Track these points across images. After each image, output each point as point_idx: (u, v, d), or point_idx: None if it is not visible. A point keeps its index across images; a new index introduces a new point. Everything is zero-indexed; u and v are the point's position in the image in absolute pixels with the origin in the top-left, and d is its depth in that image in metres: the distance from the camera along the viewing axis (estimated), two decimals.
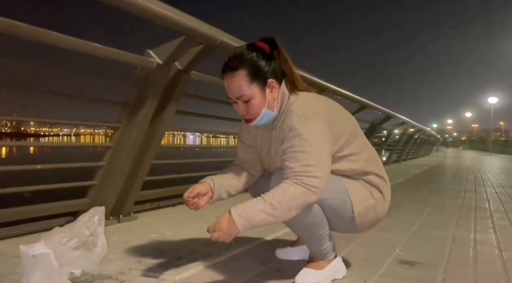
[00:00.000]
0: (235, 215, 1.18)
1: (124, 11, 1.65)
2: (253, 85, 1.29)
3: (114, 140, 2.20)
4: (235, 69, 1.29)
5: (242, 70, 1.28)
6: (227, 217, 1.19)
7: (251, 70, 1.29)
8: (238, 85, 1.29)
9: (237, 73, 1.29)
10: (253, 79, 1.29)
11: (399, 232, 2.22)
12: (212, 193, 1.42)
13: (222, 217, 1.20)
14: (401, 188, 4.59)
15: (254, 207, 1.19)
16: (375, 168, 1.43)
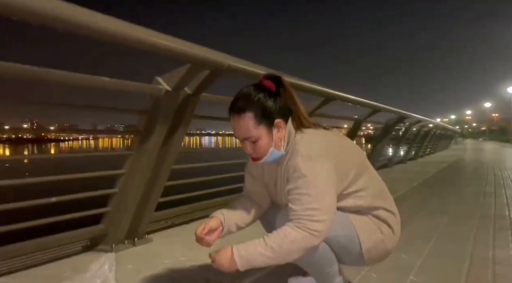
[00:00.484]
0: (236, 255, 1.20)
1: (130, 47, 1.67)
2: (260, 126, 1.30)
3: (127, 167, 2.23)
4: (242, 111, 1.29)
5: (249, 113, 1.29)
6: (229, 254, 1.22)
7: (258, 112, 1.29)
8: (245, 127, 1.29)
9: (244, 115, 1.29)
10: (260, 121, 1.29)
11: (414, 252, 2.19)
12: (222, 227, 1.43)
13: (224, 253, 1.23)
14: (416, 193, 4.53)
15: (255, 249, 1.20)
16: (384, 202, 1.41)
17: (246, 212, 1.50)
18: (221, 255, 1.24)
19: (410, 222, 2.97)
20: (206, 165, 2.99)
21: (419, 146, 10.51)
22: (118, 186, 2.23)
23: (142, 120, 2.21)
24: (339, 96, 3.66)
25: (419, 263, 2.00)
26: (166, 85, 2.16)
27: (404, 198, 4.21)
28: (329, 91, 3.51)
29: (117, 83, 1.96)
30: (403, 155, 9.33)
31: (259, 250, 1.20)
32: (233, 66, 2.12)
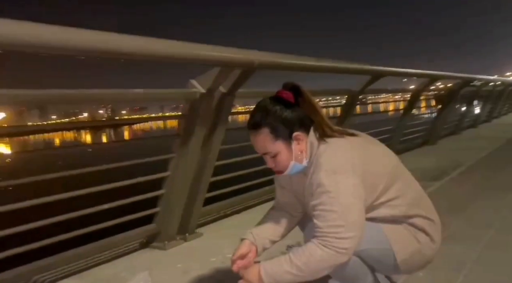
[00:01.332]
0: (263, 273, 1.21)
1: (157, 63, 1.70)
2: (278, 141, 1.26)
3: (171, 169, 2.32)
4: (259, 127, 1.27)
5: (265, 128, 1.26)
6: (256, 271, 1.23)
7: (275, 126, 1.25)
8: (263, 143, 1.27)
9: (260, 131, 1.27)
10: (277, 136, 1.26)
11: (470, 242, 2.05)
12: (255, 247, 1.43)
13: (252, 270, 1.25)
14: (484, 166, 4.19)
15: (281, 268, 1.20)
16: (420, 209, 1.33)
17: (278, 226, 1.49)
18: (249, 272, 1.26)
19: (471, 204, 2.77)
20: (251, 158, 3.01)
21: (492, 107, 9.64)
22: (165, 187, 2.34)
23: (181, 124, 2.27)
24: (387, 72, 3.45)
25: (474, 257, 1.87)
26: (200, 87, 2.18)
27: (470, 172, 3.92)
28: (375, 68, 3.32)
29: (153, 93, 2.02)
30: (473, 118, 8.64)
31: (285, 269, 1.19)
32: (264, 62, 2.09)
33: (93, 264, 2.18)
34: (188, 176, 2.35)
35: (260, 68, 2.11)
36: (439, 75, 4.51)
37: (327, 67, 2.72)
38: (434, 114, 6.58)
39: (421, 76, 4.24)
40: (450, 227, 2.30)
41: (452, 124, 7.43)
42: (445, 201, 2.77)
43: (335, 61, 2.80)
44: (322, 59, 2.70)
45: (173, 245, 2.38)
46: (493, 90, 8.94)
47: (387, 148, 1.38)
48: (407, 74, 3.80)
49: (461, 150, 5.35)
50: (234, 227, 2.72)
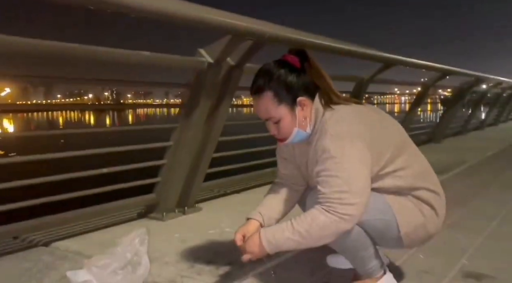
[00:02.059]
0: (264, 240, 1.18)
1: (169, 23, 1.66)
2: (281, 106, 1.23)
3: (174, 139, 2.29)
4: (262, 91, 1.23)
5: (269, 92, 1.22)
6: (257, 241, 1.20)
7: (278, 91, 1.22)
8: (265, 107, 1.24)
9: (263, 95, 1.23)
10: (280, 100, 1.22)
11: (473, 232, 2.02)
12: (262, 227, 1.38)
13: (252, 240, 1.22)
14: (489, 165, 4.14)
15: (282, 234, 1.17)
16: (426, 182, 1.29)
17: (283, 202, 1.45)
18: (250, 243, 1.23)
19: (475, 197, 2.74)
20: (254, 137, 2.97)
21: (500, 110, 9.56)
22: (167, 157, 2.31)
23: (187, 94, 2.23)
24: (400, 61, 3.39)
25: (475, 245, 1.84)
26: (208, 57, 2.14)
27: (474, 169, 3.88)
28: (389, 56, 3.26)
29: (159, 57, 1.98)
30: (480, 120, 8.56)
31: (286, 235, 1.16)
32: (275, 35, 2.04)
33: (89, 229, 2.16)
34: (191, 148, 2.32)
35: (271, 41, 2.06)
36: (451, 70, 4.44)
37: (341, 49, 2.67)
38: (440, 114, 6.53)
39: (432, 69, 4.18)
40: (453, 216, 2.26)
41: (458, 125, 7.37)
42: (449, 193, 2.71)
43: (349, 43, 2.74)
44: (336, 40, 2.65)
45: (172, 217, 2.35)
46: (502, 93, 8.85)
47: (393, 119, 1.34)
48: (419, 65, 3.74)
49: (466, 149, 5.30)
50: (234, 204, 2.70)
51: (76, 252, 1.83)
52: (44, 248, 1.90)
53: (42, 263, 1.71)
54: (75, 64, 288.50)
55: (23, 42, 1.50)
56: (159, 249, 1.83)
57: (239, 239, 1.33)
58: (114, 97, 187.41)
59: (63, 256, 1.80)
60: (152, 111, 75.90)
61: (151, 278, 1.52)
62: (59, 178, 1.93)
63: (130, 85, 2.37)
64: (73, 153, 2.11)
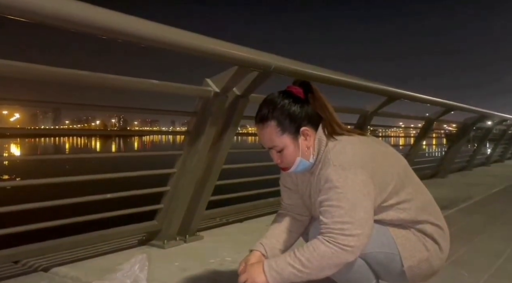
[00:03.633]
0: (266, 266, 1.17)
1: (176, 53, 1.71)
2: (284, 135, 1.25)
3: (178, 166, 2.30)
4: (266, 120, 1.26)
5: (272, 121, 1.25)
6: (260, 268, 1.19)
7: (281, 120, 1.24)
8: (269, 136, 1.26)
9: (267, 124, 1.25)
10: (284, 130, 1.25)
11: (479, 269, 1.97)
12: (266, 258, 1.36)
13: (254, 267, 1.21)
14: (495, 201, 4.09)
15: (284, 261, 1.16)
16: (430, 215, 1.28)
17: (287, 233, 1.44)
18: (251, 269, 1.22)
19: (480, 234, 2.69)
20: (258, 165, 2.98)
21: (506, 147, 9.52)
22: (170, 184, 2.32)
23: (192, 121, 2.27)
24: (404, 95, 3.43)
25: (481, 282, 1.80)
26: (215, 86, 2.19)
27: (479, 205, 3.83)
28: (393, 90, 3.31)
29: (167, 86, 2.03)
30: (486, 156, 8.52)
31: (288, 261, 1.16)
32: (281, 67, 2.09)
33: (89, 255, 2.14)
34: (194, 176, 2.33)
35: (276, 72, 2.11)
36: (455, 105, 4.48)
37: (345, 82, 2.72)
38: (444, 150, 6.53)
39: (437, 104, 4.22)
40: (458, 252, 2.23)
41: (463, 160, 7.34)
42: (454, 229, 2.68)
43: (353, 77, 2.79)
44: (340, 73, 2.70)
45: (173, 245, 2.33)
46: (507, 130, 8.85)
47: (396, 151, 1.35)
48: (423, 100, 3.78)
49: (472, 185, 5.25)
50: (235, 233, 2.67)
51: (75, 278, 1.81)
52: (44, 273, 1.88)
53: None
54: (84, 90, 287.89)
55: (35, 69, 1.55)
56: (159, 277, 1.81)
57: (241, 270, 1.31)
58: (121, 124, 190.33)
59: (61, 282, 1.78)
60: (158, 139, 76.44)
61: None
62: (61, 202, 1.94)
63: (137, 112, 2.43)
64: (77, 178, 2.13)
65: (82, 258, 2.09)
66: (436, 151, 9.30)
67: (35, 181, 1.87)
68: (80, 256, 2.11)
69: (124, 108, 2.11)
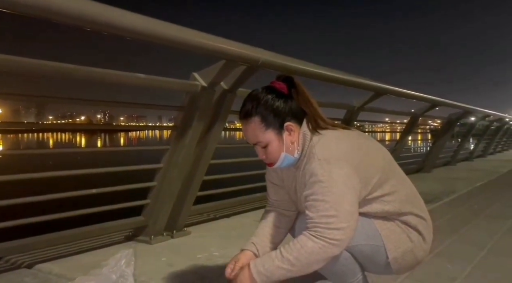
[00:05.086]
0: (254, 271, 1.17)
1: (164, 46, 1.70)
2: (268, 131, 1.25)
3: (165, 161, 2.28)
4: (249, 116, 1.25)
5: (256, 117, 1.25)
6: (247, 274, 1.18)
7: (265, 116, 1.24)
8: (253, 132, 1.26)
9: (251, 120, 1.25)
10: (268, 125, 1.25)
11: (462, 261, 2.01)
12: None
13: (243, 274, 1.20)
14: (478, 195, 4.17)
15: (272, 263, 1.16)
16: (413, 207, 1.30)
17: (276, 230, 1.44)
18: (241, 277, 1.21)
19: (464, 227, 2.74)
20: (246, 161, 2.98)
21: (488, 142, 9.71)
22: (157, 179, 2.30)
23: (180, 116, 2.25)
24: (391, 90, 3.46)
25: (464, 275, 1.83)
26: (202, 81, 2.17)
27: (463, 199, 3.90)
28: (380, 85, 3.34)
29: (154, 80, 2.00)
30: (469, 151, 8.68)
31: (276, 264, 1.15)
32: (268, 61, 2.09)
33: (74, 252, 2.11)
34: (182, 171, 2.31)
35: (264, 67, 2.11)
36: (440, 101, 4.55)
37: (332, 77, 2.73)
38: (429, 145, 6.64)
39: (422, 100, 4.27)
40: (442, 245, 2.27)
41: (447, 155, 7.46)
42: (438, 222, 2.74)
43: (341, 72, 2.81)
44: (328, 68, 2.71)
45: (160, 241, 2.32)
46: (489, 126, 9.02)
47: (380, 144, 1.36)
48: (409, 95, 3.83)
49: (456, 179, 5.35)
50: (223, 228, 2.67)
51: (60, 275, 1.79)
52: (27, 270, 1.85)
53: None
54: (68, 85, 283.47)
55: (16, 61, 1.51)
56: (146, 272, 1.79)
57: (229, 270, 1.30)
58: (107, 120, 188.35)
59: (46, 279, 1.76)
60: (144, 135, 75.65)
61: None
62: (46, 198, 1.91)
63: (123, 106, 2.38)
64: (62, 173, 2.10)
65: (67, 255, 2.06)
66: (422, 146, 9.44)
67: (17, 176, 1.82)
68: (65, 252, 2.09)
69: (110, 102, 2.08)
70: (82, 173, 2.07)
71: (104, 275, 1.19)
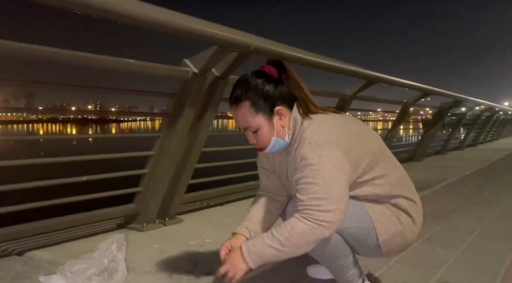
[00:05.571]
0: (245, 251, 1.17)
1: (155, 30, 1.67)
2: (258, 115, 1.24)
3: (156, 149, 2.27)
4: (239, 101, 1.25)
5: (246, 102, 1.24)
6: (239, 254, 1.19)
7: (255, 100, 1.24)
8: (243, 117, 1.25)
9: (241, 105, 1.25)
10: (258, 110, 1.24)
11: (452, 245, 2.04)
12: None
13: (234, 254, 1.21)
14: (468, 183, 4.22)
15: (262, 242, 1.16)
16: (403, 190, 1.31)
17: (267, 214, 1.44)
18: (232, 255, 1.21)
19: (454, 213, 2.78)
20: (238, 149, 2.98)
21: (479, 132, 9.80)
22: (148, 167, 2.29)
23: (171, 103, 2.23)
24: (382, 79, 3.47)
25: (453, 258, 1.86)
26: (193, 67, 2.15)
27: (453, 187, 3.95)
28: (371, 73, 3.34)
29: (144, 66, 1.98)
30: (459, 141, 8.77)
31: (266, 243, 1.16)
32: (260, 47, 2.07)
33: (65, 239, 2.10)
34: (173, 158, 2.30)
35: (256, 53, 2.09)
36: (431, 89, 4.56)
37: (324, 64, 2.72)
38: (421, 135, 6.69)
39: (414, 88, 4.29)
40: (432, 230, 2.30)
41: (438, 144, 7.53)
42: (428, 209, 2.77)
43: (333, 59, 2.80)
44: (320, 55, 2.70)
45: (152, 228, 2.32)
46: (480, 116, 9.11)
47: (370, 128, 1.37)
48: (401, 83, 3.83)
49: (446, 168, 5.40)
50: (216, 216, 2.67)
51: (51, 262, 1.78)
52: (18, 257, 1.84)
53: (15, 272, 1.66)
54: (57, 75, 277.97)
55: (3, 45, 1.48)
56: (138, 259, 1.79)
57: (224, 253, 1.31)
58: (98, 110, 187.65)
59: (37, 265, 1.75)
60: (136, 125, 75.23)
61: None
62: (36, 184, 1.89)
63: (114, 92, 2.36)
64: (52, 160, 2.08)
65: (59, 242, 2.05)
66: (413, 136, 9.51)
67: (8, 162, 1.80)
68: (56, 240, 2.08)
69: (100, 88, 2.05)
70: (73, 160, 2.05)
71: (96, 259, 1.19)
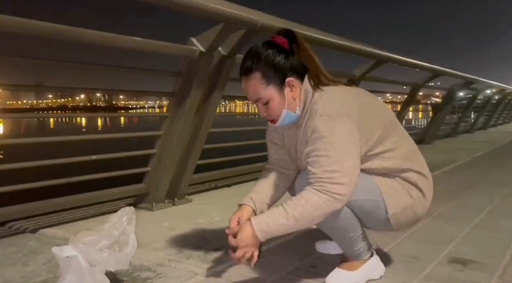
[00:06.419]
0: (258, 230, 1.15)
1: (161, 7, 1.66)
2: (269, 86, 1.22)
3: (164, 129, 2.28)
4: (250, 72, 1.22)
5: (257, 73, 1.22)
6: (250, 231, 1.16)
7: (266, 71, 1.21)
8: (254, 89, 1.23)
9: (251, 76, 1.22)
10: (269, 81, 1.22)
11: (461, 222, 2.03)
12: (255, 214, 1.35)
13: (244, 232, 1.17)
14: (478, 164, 4.19)
15: (276, 222, 1.14)
16: (414, 164, 1.30)
17: (274, 188, 1.43)
18: (242, 236, 1.17)
19: (464, 192, 2.77)
20: (247, 130, 2.97)
21: (490, 114, 9.68)
22: (157, 147, 2.30)
23: (178, 82, 2.23)
24: (392, 58, 3.42)
25: (462, 234, 1.86)
26: (200, 46, 2.14)
27: (464, 168, 3.92)
28: (381, 53, 3.29)
29: (150, 44, 1.97)
30: (470, 124, 8.67)
31: (281, 222, 1.14)
32: (267, 24, 2.04)
33: (77, 218, 2.14)
34: (181, 138, 2.31)
35: (263, 30, 2.07)
36: (442, 70, 4.49)
37: (333, 43, 2.68)
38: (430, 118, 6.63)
39: (424, 69, 4.22)
40: (441, 208, 2.29)
41: (448, 127, 7.46)
42: (438, 188, 2.75)
43: (342, 38, 2.76)
44: (329, 34, 2.66)
45: (161, 207, 2.34)
46: (491, 98, 8.97)
47: (381, 101, 1.35)
48: (411, 64, 3.78)
49: (456, 150, 5.36)
50: (224, 196, 2.69)
51: (63, 239, 1.81)
52: (31, 235, 1.88)
53: (28, 248, 1.69)
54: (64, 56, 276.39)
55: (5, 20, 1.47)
56: (148, 235, 1.82)
57: (234, 224, 1.29)
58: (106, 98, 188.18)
59: (50, 242, 1.78)
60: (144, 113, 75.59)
61: (139, 262, 1.51)
62: (49, 162, 1.92)
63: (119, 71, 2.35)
64: (65, 138, 2.09)
65: (70, 221, 2.09)
66: (423, 120, 9.42)
67: (21, 140, 1.83)
68: (68, 218, 2.11)
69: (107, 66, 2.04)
70: (83, 139, 2.07)
71: (106, 231, 1.21)
